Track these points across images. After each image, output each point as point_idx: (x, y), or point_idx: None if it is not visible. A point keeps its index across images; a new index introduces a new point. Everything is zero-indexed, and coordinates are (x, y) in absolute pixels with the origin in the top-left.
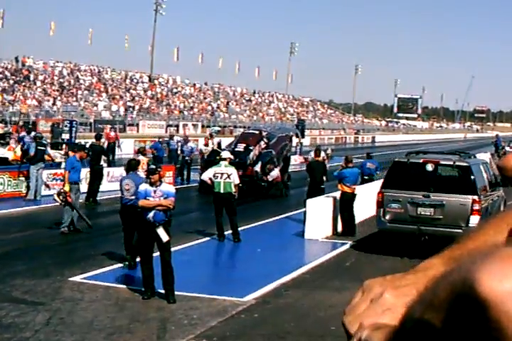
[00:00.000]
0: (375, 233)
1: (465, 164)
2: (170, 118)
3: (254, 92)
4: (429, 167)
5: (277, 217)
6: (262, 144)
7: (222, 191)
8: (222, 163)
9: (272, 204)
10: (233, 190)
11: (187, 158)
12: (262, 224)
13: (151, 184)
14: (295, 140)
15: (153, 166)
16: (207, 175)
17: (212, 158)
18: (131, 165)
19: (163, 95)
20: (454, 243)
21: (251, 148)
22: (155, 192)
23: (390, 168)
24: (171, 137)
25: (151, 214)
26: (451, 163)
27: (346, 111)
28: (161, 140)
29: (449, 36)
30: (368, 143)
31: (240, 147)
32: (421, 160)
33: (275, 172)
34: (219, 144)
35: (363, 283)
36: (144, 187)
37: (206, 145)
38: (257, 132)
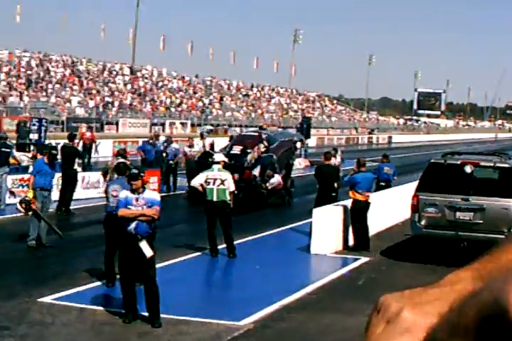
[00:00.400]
0: (393, 246)
1: (507, 165)
2: (154, 116)
3: (252, 86)
4: (468, 169)
5: (279, 229)
6: (262, 147)
7: (215, 199)
8: (215, 166)
9: (272, 215)
10: (228, 198)
11: (171, 161)
12: (262, 237)
13: (133, 191)
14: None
15: (135, 170)
16: (198, 181)
17: (203, 161)
18: (120, 169)
19: (147, 89)
20: (485, 254)
21: (249, 150)
22: (137, 200)
23: (426, 170)
24: (157, 137)
25: (132, 226)
26: (492, 164)
27: (359, 108)
28: (150, 141)
29: (477, 23)
30: (384, 144)
31: (236, 149)
32: (459, 162)
33: (276, 179)
34: (212, 146)
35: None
36: (124, 194)
37: (191, 146)
38: (255, 134)
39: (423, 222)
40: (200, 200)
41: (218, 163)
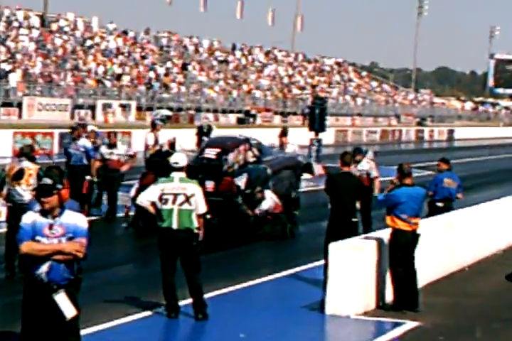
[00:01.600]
0: (455, 303)
1: None
2: (79, 94)
3: (234, 48)
4: None
5: (276, 276)
6: (249, 154)
7: (175, 227)
8: (176, 175)
9: (266, 252)
10: (195, 224)
11: (76, 167)
12: (249, 287)
13: (44, 213)
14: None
15: (47, 179)
16: (147, 197)
17: (156, 158)
18: (53, 177)
19: (67, 51)
20: None
21: (229, 152)
22: (51, 227)
23: None
24: (83, 126)
25: (43, 269)
26: None
27: (402, 84)
28: (90, 134)
29: None
30: (442, 141)
31: (211, 153)
32: None
33: (269, 202)
34: (172, 145)
35: None
36: (29, 218)
37: (111, 146)
38: (238, 136)
39: None
40: (151, 228)
41: (180, 169)
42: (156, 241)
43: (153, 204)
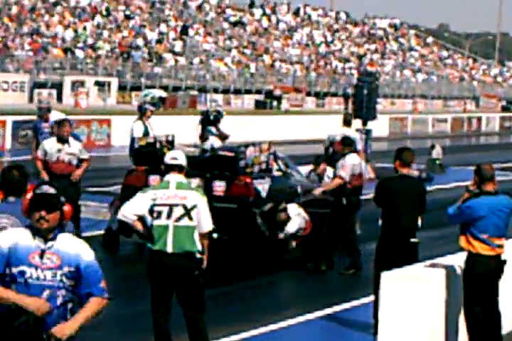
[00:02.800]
0: None
1: None
2: (40, 68)
3: (253, 4)
4: None
5: (305, 317)
6: (274, 165)
7: (170, 249)
8: (172, 178)
9: (292, 285)
10: (197, 246)
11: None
12: (270, 333)
13: (37, 233)
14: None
15: (48, 187)
16: (132, 210)
17: (145, 149)
18: (13, 182)
19: (24, 8)
20: None
21: (248, 146)
22: (42, 254)
23: None
24: (47, 110)
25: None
26: None
27: (481, 54)
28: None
29: None
30: None
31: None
32: None
33: (297, 222)
34: (170, 142)
35: None
36: (7, 240)
37: (61, 140)
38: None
39: None
40: (138, 251)
41: (179, 168)
42: (144, 269)
43: (140, 219)
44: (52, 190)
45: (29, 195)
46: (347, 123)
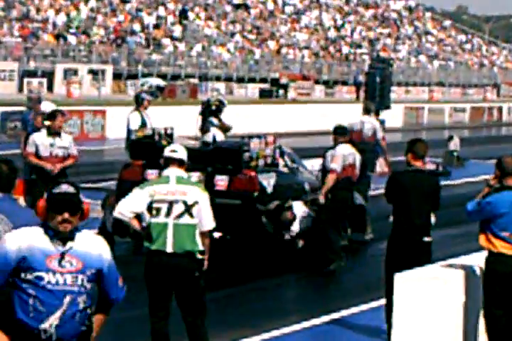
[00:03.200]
0: None
1: None
2: (30, 55)
3: None
4: None
5: (311, 322)
6: (280, 161)
7: (169, 249)
8: (172, 172)
9: (298, 288)
10: (198, 246)
11: None
12: (274, 338)
13: (57, 235)
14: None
15: (67, 187)
16: (129, 207)
17: (143, 141)
18: (1, 177)
19: None
20: None
21: (252, 138)
22: (61, 260)
23: None
24: (37, 101)
25: (52, 321)
26: None
27: (503, 39)
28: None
29: None
30: None
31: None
32: None
33: (303, 223)
34: (170, 134)
35: None
36: (17, 241)
37: (51, 133)
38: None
39: None
40: (133, 252)
41: (179, 162)
42: (141, 270)
43: (136, 216)
44: (72, 189)
45: (45, 195)
46: (367, 111)
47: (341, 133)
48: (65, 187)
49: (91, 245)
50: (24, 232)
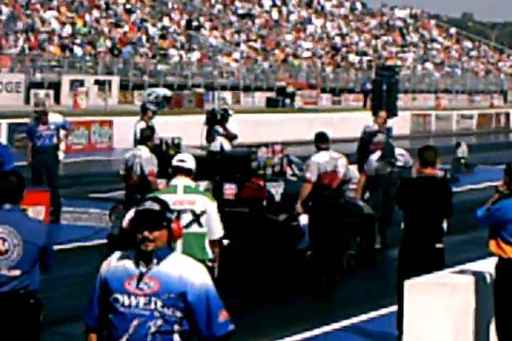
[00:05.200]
0: None
1: None
2: (37, 67)
3: None
4: None
5: (322, 329)
6: (288, 169)
7: None
8: (179, 182)
9: (309, 295)
10: (208, 254)
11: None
12: None
13: (142, 254)
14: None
15: (152, 203)
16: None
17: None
18: (9, 189)
19: (17, 3)
20: None
21: (260, 146)
22: (138, 284)
23: None
24: (43, 114)
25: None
26: None
27: (509, 46)
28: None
29: None
30: None
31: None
32: None
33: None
34: (177, 144)
35: None
36: (109, 265)
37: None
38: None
39: None
40: None
41: (187, 171)
42: None
43: None
44: (155, 206)
45: (130, 213)
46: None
47: (320, 140)
48: (148, 204)
49: (175, 267)
50: (117, 256)
